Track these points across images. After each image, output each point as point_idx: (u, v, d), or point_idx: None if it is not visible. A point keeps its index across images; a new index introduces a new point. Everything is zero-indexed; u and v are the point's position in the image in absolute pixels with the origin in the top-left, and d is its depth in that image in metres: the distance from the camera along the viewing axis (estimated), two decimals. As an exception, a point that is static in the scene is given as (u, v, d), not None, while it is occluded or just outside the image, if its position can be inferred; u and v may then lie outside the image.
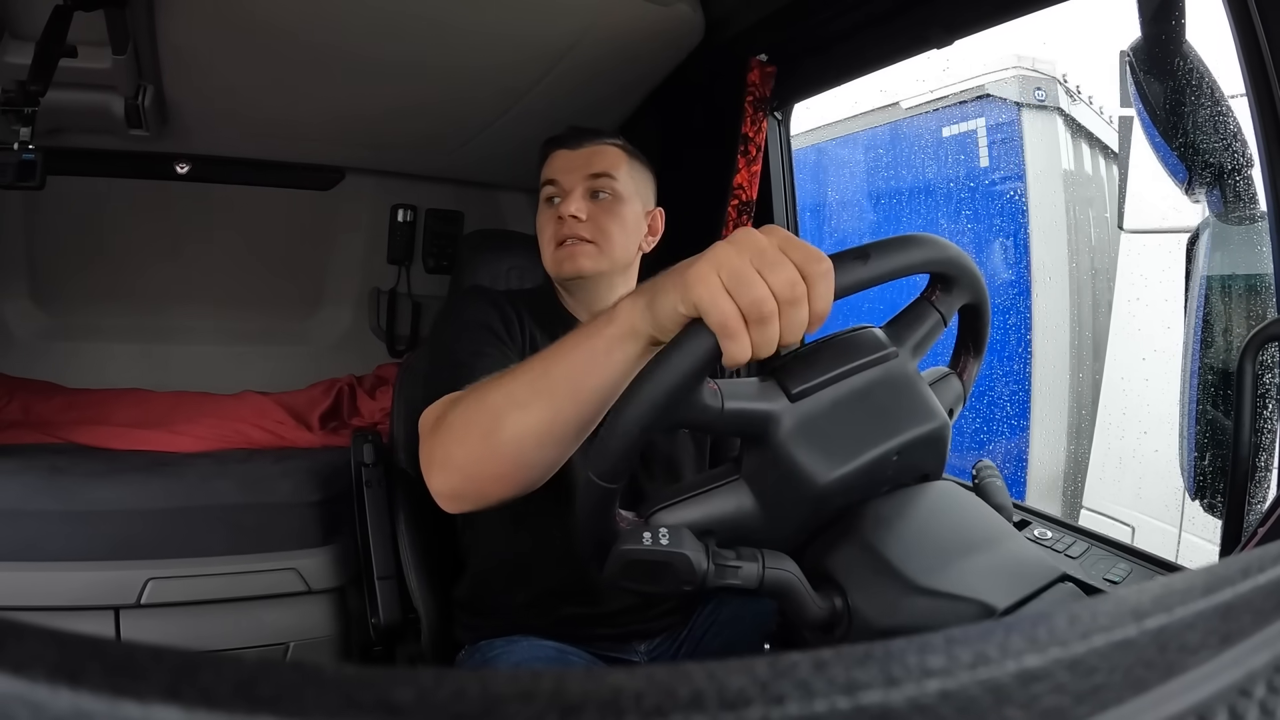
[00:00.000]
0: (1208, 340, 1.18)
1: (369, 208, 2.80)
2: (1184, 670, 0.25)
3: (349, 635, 2.13)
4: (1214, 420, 1.16)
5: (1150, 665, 0.24)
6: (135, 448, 2.23)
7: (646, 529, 0.68)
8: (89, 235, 2.54)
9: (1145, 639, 0.25)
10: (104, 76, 1.80)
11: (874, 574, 0.70)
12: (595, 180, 1.37)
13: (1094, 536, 1.23)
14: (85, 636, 0.20)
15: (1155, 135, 1.18)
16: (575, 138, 1.40)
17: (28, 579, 1.83)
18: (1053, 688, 0.23)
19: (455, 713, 0.19)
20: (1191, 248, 1.22)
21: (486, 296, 1.37)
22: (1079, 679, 0.23)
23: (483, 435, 0.88)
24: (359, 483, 1.80)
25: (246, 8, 1.61)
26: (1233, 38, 1.05)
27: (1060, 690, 0.23)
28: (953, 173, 3.76)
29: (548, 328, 1.35)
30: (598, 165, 1.38)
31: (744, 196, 1.92)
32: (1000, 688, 0.22)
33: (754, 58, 1.85)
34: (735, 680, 0.21)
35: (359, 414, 2.63)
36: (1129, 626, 0.25)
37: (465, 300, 1.37)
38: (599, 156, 1.39)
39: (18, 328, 2.53)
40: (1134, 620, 0.25)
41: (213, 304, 2.72)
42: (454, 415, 0.93)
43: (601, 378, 0.78)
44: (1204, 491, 1.17)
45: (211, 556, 1.94)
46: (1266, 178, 1.05)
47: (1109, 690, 0.23)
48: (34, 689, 0.18)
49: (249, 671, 0.19)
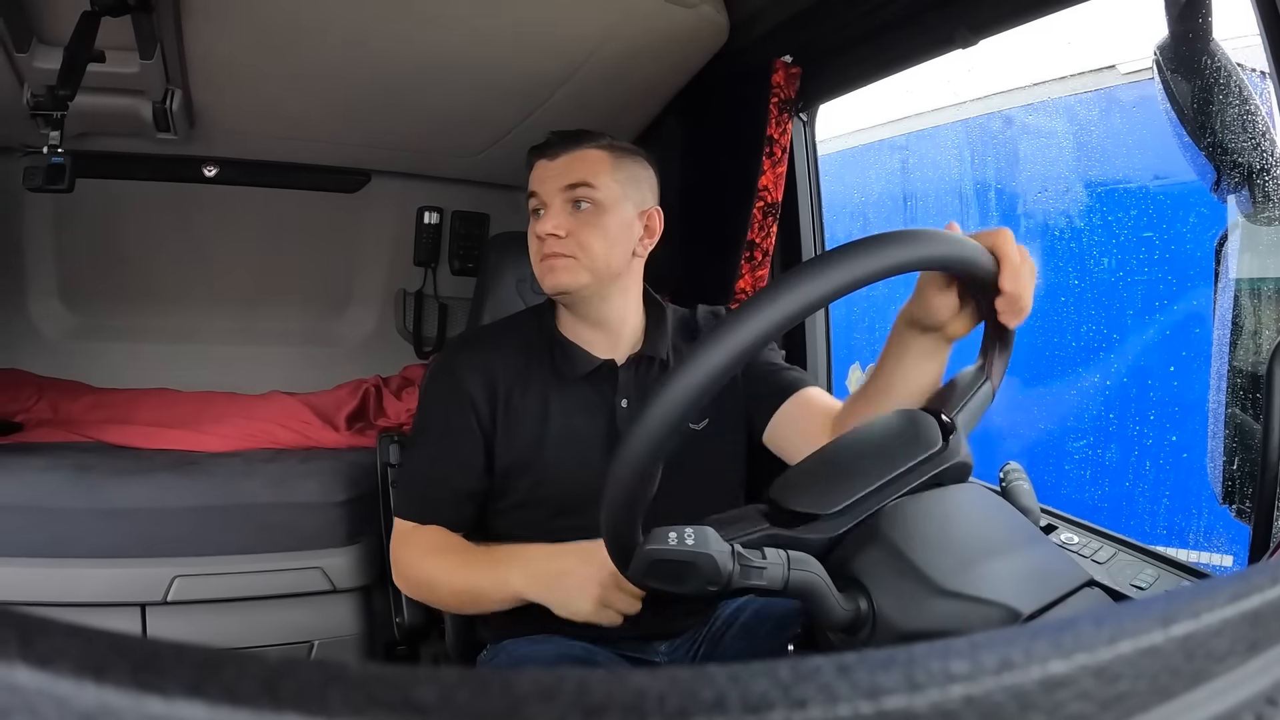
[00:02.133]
0: (1236, 344, 1.16)
1: (395, 210, 2.82)
2: (1211, 678, 0.25)
3: (373, 634, 2.14)
4: (1243, 425, 1.14)
5: (1177, 672, 0.24)
6: (162, 447, 2.26)
7: (672, 530, 0.68)
8: (117, 238, 2.58)
9: (1172, 646, 0.24)
10: (132, 81, 1.82)
11: (899, 576, 0.69)
12: (574, 190, 1.31)
13: (1120, 541, 1.22)
14: (111, 633, 0.20)
15: (1183, 135, 1.16)
16: (555, 146, 1.35)
17: (55, 575, 1.85)
18: (1078, 694, 0.22)
19: (478, 712, 0.19)
20: (1219, 249, 1.20)
21: (442, 376, 1.37)
22: (1104, 686, 0.23)
23: (424, 595, 1.33)
24: (384, 482, 1.81)
25: (273, 13, 1.63)
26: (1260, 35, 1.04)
27: (1085, 697, 0.23)
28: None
29: (533, 356, 1.36)
30: (576, 174, 1.31)
31: (769, 198, 1.91)
32: (1025, 694, 0.22)
33: (778, 59, 1.84)
34: (758, 683, 0.21)
35: (385, 415, 2.65)
36: (1155, 633, 0.24)
37: (426, 386, 1.42)
38: (578, 164, 1.32)
39: (47, 328, 2.57)
40: (1161, 627, 0.25)
41: (240, 305, 2.74)
42: (410, 568, 1.31)
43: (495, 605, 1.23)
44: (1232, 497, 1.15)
45: (237, 555, 1.96)
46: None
47: (1135, 697, 0.23)
48: (60, 684, 0.18)
49: (273, 669, 0.20)
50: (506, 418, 1.32)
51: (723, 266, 1.99)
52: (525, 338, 1.38)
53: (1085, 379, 2.97)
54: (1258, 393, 1.12)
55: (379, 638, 2.15)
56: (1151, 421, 2.80)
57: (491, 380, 1.33)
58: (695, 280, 2.07)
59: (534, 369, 1.35)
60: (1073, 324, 2.99)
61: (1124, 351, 2.90)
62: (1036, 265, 0.82)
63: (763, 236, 1.94)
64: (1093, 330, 2.96)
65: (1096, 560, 1.17)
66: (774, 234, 1.94)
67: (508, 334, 1.40)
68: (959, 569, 0.68)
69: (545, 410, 1.33)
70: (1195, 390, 2.62)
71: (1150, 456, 2.80)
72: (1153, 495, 2.75)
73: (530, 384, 1.34)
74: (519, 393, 1.33)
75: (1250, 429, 1.13)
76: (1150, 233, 2.80)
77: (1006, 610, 0.65)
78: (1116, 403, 2.92)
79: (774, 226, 1.94)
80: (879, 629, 0.69)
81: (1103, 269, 2.92)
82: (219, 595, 1.94)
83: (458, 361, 1.36)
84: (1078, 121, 3.22)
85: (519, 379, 1.33)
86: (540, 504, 1.32)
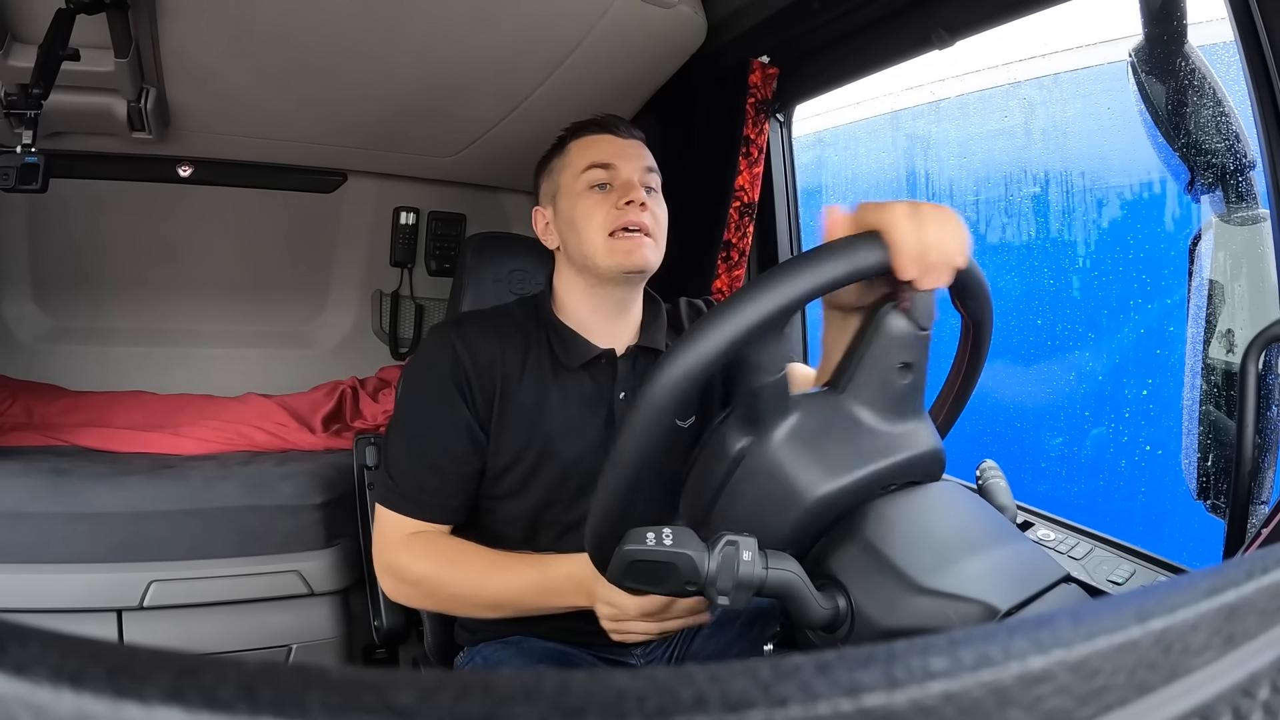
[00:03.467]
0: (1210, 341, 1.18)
1: (371, 210, 2.81)
2: (1188, 672, 0.25)
3: (352, 637, 2.13)
4: (1217, 421, 1.16)
5: (1154, 667, 0.24)
6: (138, 450, 2.24)
7: (650, 530, 0.68)
8: (92, 238, 2.55)
9: (1149, 640, 0.25)
10: (106, 80, 1.81)
11: (877, 574, 0.70)
12: (648, 175, 1.33)
13: (1097, 538, 1.23)
14: (88, 639, 0.20)
15: (1157, 136, 1.18)
16: (623, 125, 1.36)
17: (30, 581, 1.83)
18: (1056, 689, 0.23)
19: (458, 715, 0.19)
20: (1193, 249, 1.22)
21: (433, 355, 1.30)
22: (1082, 681, 0.23)
23: (432, 602, 1.29)
24: (362, 485, 1.80)
25: (248, 11, 1.62)
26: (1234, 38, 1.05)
27: (1063, 692, 0.23)
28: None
29: (533, 346, 1.32)
30: (648, 159, 1.34)
31: (746, 198, 1.92)
32: (1003, 690, 0.22)
33: (755, 59, 1.85)
34: (738, 683, 0.21)
35: (362, 416, 2.64)
36: (1132, 628, 0.25)
37: (414, 365, 1.37)
38: (645, 150, 1.35)
39: (21, 330, 2.54)
40: (1137, 622, 0.25)
41: (215, 307, 2.72)
42: (410, 573, 1.24)
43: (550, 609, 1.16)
44: (1207, 492, 1.16)
45: (214, 559, 1.95)
46: (1268, 178, 1.05)
47: (1112, 692, 0.23)
48: (37, 691, 0.18)
49: (251, 673, 0.19)
50: (503, 406, 1.28)
51: (699, 266, 1.99)
52: (521, 325, 1.35)
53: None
54: (1231, 390, 1.13)
55: (357, 641, 2.14)
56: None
57: (488, 366, 1.28)
58: (672, 280, 2.07)
59: (531, 357, 1.31)
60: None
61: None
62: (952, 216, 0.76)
63: (739, 237, 1.94)
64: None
65: (1073, 556, 1.18)
66: (750, 234, 1.95)
67: (503, 320, 1.35)
68: (937, 566, 0.69)
69: (543, 399, 1.29)
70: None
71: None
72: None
73: (527, 372, 1.30)
74: (515, 380, 1.29)
75: (1224, 425, 1.14)
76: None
77: (984, 607, 0.66)
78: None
79: (750, 227, 1.95)
80: (857, 627, 0.70)
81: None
82: (196, 600, 1.92)
83: (450, 344, 1.29)
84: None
85: (515, 367, 1.30)
86: (530, 496, 1.30)
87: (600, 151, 1.32)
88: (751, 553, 0.68)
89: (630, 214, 1.27)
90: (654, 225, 1.30)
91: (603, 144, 1.33)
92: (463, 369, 1.27)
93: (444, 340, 1.30)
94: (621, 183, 1.30)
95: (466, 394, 1.27)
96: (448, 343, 1.29)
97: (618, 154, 1.32)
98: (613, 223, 1.28)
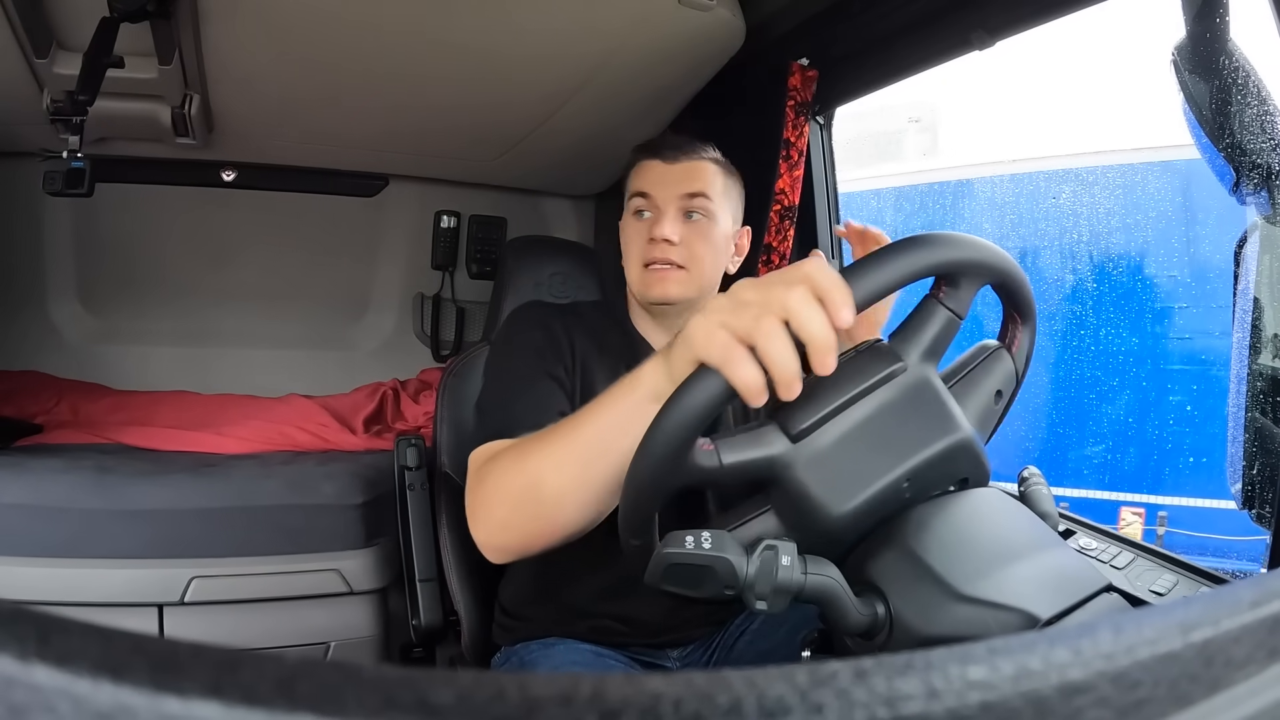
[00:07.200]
0: (1256, 347, 1.15)
1: (413, 214, 2.83)
2: (1230, 684, 0.25)
3: (389, 636, 2.14)
4: (1263, 429, 1.13)
5: (1195, 679, 0.24)
6: (181, 449, 2.27)
7: (689, 533, 0.68)
8: (136, 241, 2.60)
9: (1191, 652, 0.24)
10: (151, 86, 1.84)
11: (916, 580, 0.69)
12: (690, 200, 1.30)
13: (1139, 547, 1.21)
14: (129, 633, 0.20)
15: (1202, 137, 1.15)
16: (671, 149, 1.33)
17: (73, 575, 1.86)
18: (1096, 701, 0.22)
19: (494, 715, 0.19)
20: (1239, 252, 1.19)
21: (536, 318, 1.33)
22: (1123, 692, 0.23)
23: (522, 497, 0.94)
24: (402, 485, 1.81)
25: (290, 20, 1.63)
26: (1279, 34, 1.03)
27: (1103, 704, 0.22)
28: None
29: (606, 346, 1.32)
30: (694, 184, 1.30)
31: (786, 201, 1.91)
32: (1042, 700, 0.22)
33: (795, 62, 1.84)
34: (775, 688, 0.21)
35: (403, 418, 2.66)
36: (1174, 639, 0.24)
37: (515, 323, 1.34)
38: (696, 174, 1.31)
39: (67, 331, 2.59)
40: (1180, 633, 0.24)
41: (258, 308, 2.76)
42: (496, 474, 0.98)
43: (631, 439, 0.76)
44: (1252, 501, 1.14)
45: (255, 556, 1.96)
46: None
47: (1153, 704, 0.23)
48: (77, 683, 0.19)
49: (289, 670, 0.20)
50: (584, 384, 1.28)
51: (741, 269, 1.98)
52: (596, 320, 1.37)
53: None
54: (1278, 396, 1.11)
55: (395, 639, 2.15)
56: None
57: (571, 345, 1.30)
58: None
59: (606, 348, 1.33)
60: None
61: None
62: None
63: (779, 240, 1.93)
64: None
65: (1115, 565, 1.16)
66: (790, 237, 1.94)
67: (581, 311, 1.38)
68: (977, 574, 0.68)
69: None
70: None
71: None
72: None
73: (603, 360, 1.31)
74: (593, 364, 1.30)
75: (1270, 433, 1.12)
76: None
77: (1025, 615, 0.65)
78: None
79: (791, 230, 1.93)
80: (896, 634, 0.69)
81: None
82: (236, 596, 1.94)
83: (546, 316, 1.33)
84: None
85: (593, 356, 1.31)
86: None
87: (641, 179, 1.33)
88: (790, 558, 0.68)
89: (655, 251, 1.28)
90: (686, 257, 1.29)
91: (646, 170, 1.33)
92: (556, 336, 1.29)
93: (539, 311, 1.35)
94: (656, 213, 1.31)
95: (562, 355, 1.28)
96: (543, 314, 1.33)
97: (657, 181, 1.31)
98: (645, 255, 1.30)
